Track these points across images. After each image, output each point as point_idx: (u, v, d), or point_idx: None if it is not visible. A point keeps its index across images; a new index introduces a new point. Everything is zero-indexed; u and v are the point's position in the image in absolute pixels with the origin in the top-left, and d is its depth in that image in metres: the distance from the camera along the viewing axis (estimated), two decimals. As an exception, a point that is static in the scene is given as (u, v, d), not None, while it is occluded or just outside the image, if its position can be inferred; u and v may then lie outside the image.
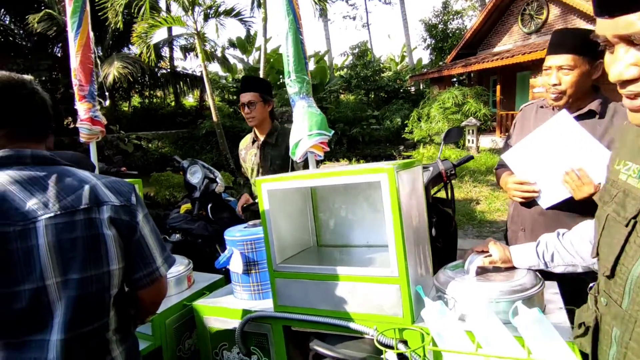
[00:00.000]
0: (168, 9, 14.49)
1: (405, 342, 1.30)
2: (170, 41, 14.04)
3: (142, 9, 8.68)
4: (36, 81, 1.08)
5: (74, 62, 2.13)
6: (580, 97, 1.62)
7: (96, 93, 2.20)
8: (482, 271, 1.36)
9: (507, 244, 1.59)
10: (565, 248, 1.26)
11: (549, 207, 1.63)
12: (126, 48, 12.90)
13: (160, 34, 10.51)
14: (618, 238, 0.80)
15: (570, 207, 1.59)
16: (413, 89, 18.61)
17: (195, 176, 2.90)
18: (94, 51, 2.17)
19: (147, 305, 1.15)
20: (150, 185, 7.60)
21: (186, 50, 14.73)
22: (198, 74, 15.10)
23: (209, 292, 1.84)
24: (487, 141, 12.55)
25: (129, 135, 12.31)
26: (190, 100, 19.71)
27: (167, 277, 1.23)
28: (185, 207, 2.91)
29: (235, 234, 1.64)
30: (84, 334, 0.96)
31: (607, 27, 0.64)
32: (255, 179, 2.54)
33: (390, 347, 1.24)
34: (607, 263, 0.83)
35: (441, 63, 18.95)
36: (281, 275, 1.47)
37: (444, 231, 2.36)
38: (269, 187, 1.45)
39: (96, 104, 2.21)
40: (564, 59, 1.57)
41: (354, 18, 36.35)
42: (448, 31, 20.20)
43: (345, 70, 19.73)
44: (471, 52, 15.34)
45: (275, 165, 2.43)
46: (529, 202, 1.71)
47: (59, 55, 12.26)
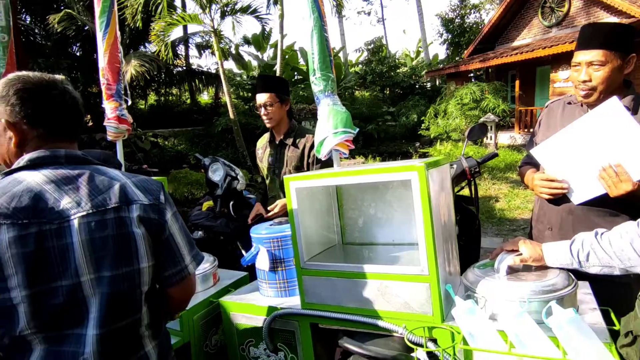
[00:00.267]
0: (183, 7, 14.64)
1: (434, 341, 1.29)
2: (186, 39, 14.14)
3: (160, 7, 8.78)
4: (67, 79, 1.10)
5: (102, 62, 2.16)
6: (611, 94, 1.58)
7: (122, 92, 2.24)
8: (512, 270, 1.35)
9: None
10: (603, 248, 1.20)
11: (581, 203, 1.59)
12: (142, 46, 13.05)
13: (176, 32, 10.62)
14: None
15: (602, 205, 1.54)
16: (429, 85, 18.37)
17: (216, 174, 2.93)
18: (121, 51, 2.21)
19: (177, 302, 1.17)
20: (168, 182, 7.71)
21: (201, 47, 14.83)
22: (213, 72, 15.20)
23: (234, 289, 1.86)
24: (506, 137, 12.34)
25: (146, 132, 12.46)
26: (205, 97, 19.83)
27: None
28: (207, 205, 2.94)
29: (261, 232, 1.66)
30: (118, 329, 0.98)
31: None
32: (270, 179, 2.52)
33: (419, 346, 1.24)
34: None
35: (458, 58, 18.67)
36: (309, 272, 1.47)
37: (467, 230, 2.33)
38: (298, 185, 1.45)
39: (122, 103, 2.25)
40: (595, 55, 1.53)
41: (369, 13, 35.94)
42: (465, 26, 19.85)
43: (360, 66, 19.56)
44: (489, 47, 15.06)
45: (291, 166, 2.41)
46: (556, 200, 1.67)
47: (78, 54, 12.49)
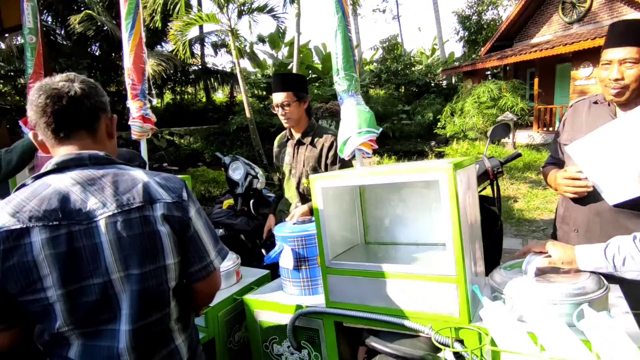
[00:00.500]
0: (200, 6, 14.76)
1: (461, 342, 1.29)
2: (201, 38, 14.28)
3: (177, 7, 8.88)
4: (84, 75, 1.09)
5: (127, 62, 2.20)
6: None
7: (147, 92, 2.28)
8: (540, 272, 1.33)
9: None
10: None
11: (617, 205, 1.55)
12: (159, 46, 13.23)
13: (192, 31, 10.71)
14: None
15: (632, 207, 1.51)
16: (445, 83, 18.18)
17: (237, 172, 2.96)
18: (145, 51, 2.25)
19: (203, 297, 1.19)
20: (186, 180, 7.80)
21: (217, 46, 14.95)
22: (228, 70, 15.31)
23: (257, 287, 1.88)
24: (524, 136, 12.13)
25: (162, 131, 12.62)
26: (219, 96, 19.98)
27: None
28: (227, 203, 2.98)
29: (285, 231, 1.67)
30: (149, 324, 1.01)
31: None
32: (286, 178, 2.44)
33: (446, 346, 1.23)
34: None
35: (474, 56, 18.42)
36: (333, 272, 1.48)
37: (489, 230, 2.31)
38: (324, 185, 1.46)
39: (147, 102, 2.29)
40: (628, 52, 1.50)
41: (384, 11, 35.70)
42: (482, 23, 19.58)
43: (375, 64, 19.46)
44: (507, 44, 14.82)
45: (308, 167, 2.32)
46: (583, 202, 1.64)
47: (97, 54, 12.72)
